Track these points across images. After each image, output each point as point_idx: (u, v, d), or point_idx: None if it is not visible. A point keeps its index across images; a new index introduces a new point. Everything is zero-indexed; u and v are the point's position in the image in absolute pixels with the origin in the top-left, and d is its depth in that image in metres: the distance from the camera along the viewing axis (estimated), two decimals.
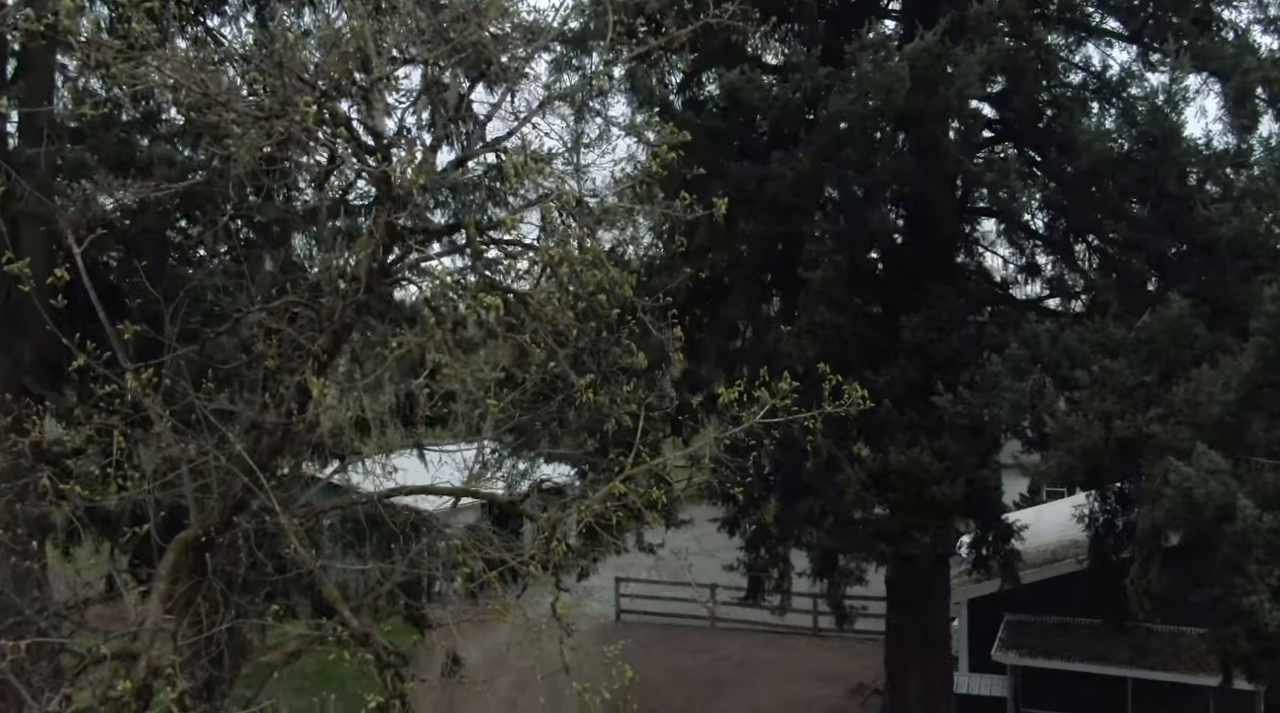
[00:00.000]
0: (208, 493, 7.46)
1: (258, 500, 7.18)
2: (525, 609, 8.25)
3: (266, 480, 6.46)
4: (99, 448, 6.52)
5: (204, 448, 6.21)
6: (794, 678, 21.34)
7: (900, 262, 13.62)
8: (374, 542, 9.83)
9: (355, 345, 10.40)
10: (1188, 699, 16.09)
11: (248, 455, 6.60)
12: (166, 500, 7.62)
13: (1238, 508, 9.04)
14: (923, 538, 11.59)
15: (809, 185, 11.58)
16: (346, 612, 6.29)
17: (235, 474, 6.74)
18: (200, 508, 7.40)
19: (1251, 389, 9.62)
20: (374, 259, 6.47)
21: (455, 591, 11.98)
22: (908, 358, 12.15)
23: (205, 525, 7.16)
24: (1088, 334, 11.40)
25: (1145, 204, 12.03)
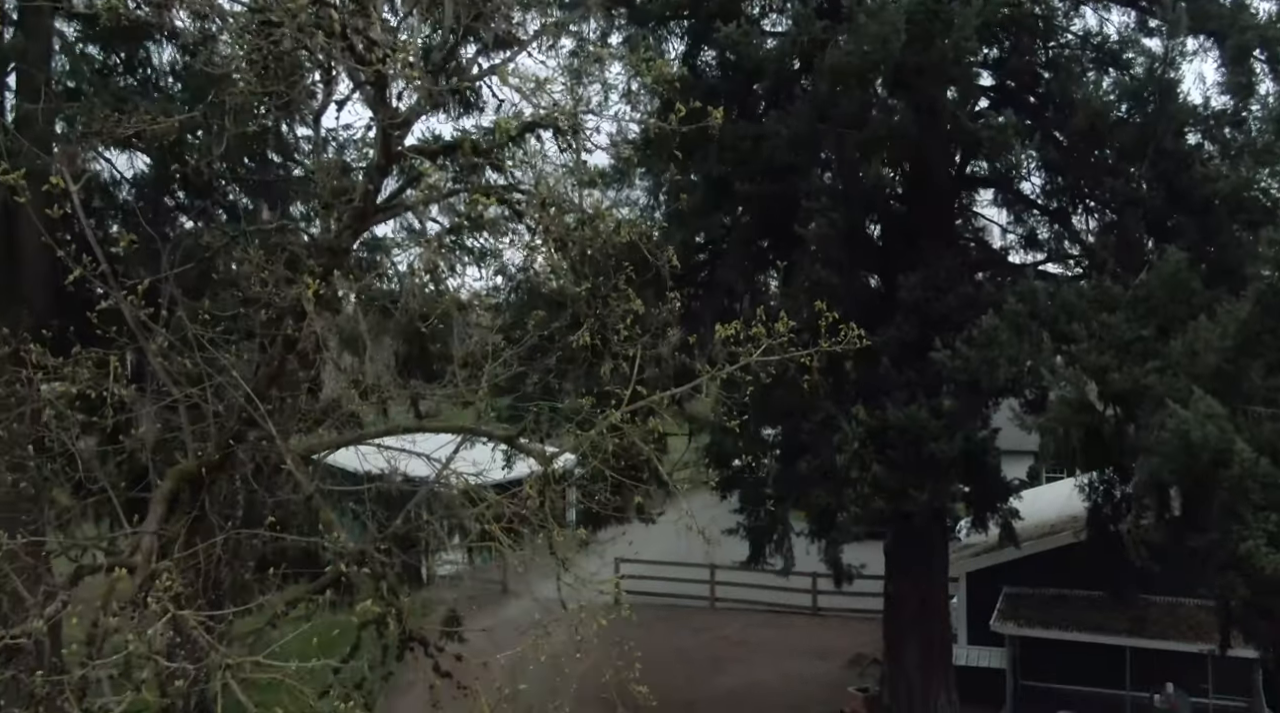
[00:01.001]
0: (205, 432, 7.47)
1: (255, 433, 7.20)
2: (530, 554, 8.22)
3: (264, 410, 6.46)
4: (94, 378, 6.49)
5: (199, 364, 6.18)
6: (793, 654, 21.36)
7: (897, 224, 13.64)
8: (371, 500, 9.84)
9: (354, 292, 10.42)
10: (1186, 668, 16.08)
11: (245, 383, 6.60)
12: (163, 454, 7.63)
13: (1234, 452, 9.04)
14: (920, 495, 11.59)
15: (805, 143, 11.58)
16: (343, 534, 6.29)
17: (232, 406, 6.74)
18: (197, 447, 7.40)
19: (1249, 337, 9.62)
20: (370, 182, 6.47)
21: (454, 548, 11.99)
22: (905, 317, 12.16)
23: (203, 461, 7.17)
24: (1085, 290, 11.42)
25: (1142, 162, 12.02)
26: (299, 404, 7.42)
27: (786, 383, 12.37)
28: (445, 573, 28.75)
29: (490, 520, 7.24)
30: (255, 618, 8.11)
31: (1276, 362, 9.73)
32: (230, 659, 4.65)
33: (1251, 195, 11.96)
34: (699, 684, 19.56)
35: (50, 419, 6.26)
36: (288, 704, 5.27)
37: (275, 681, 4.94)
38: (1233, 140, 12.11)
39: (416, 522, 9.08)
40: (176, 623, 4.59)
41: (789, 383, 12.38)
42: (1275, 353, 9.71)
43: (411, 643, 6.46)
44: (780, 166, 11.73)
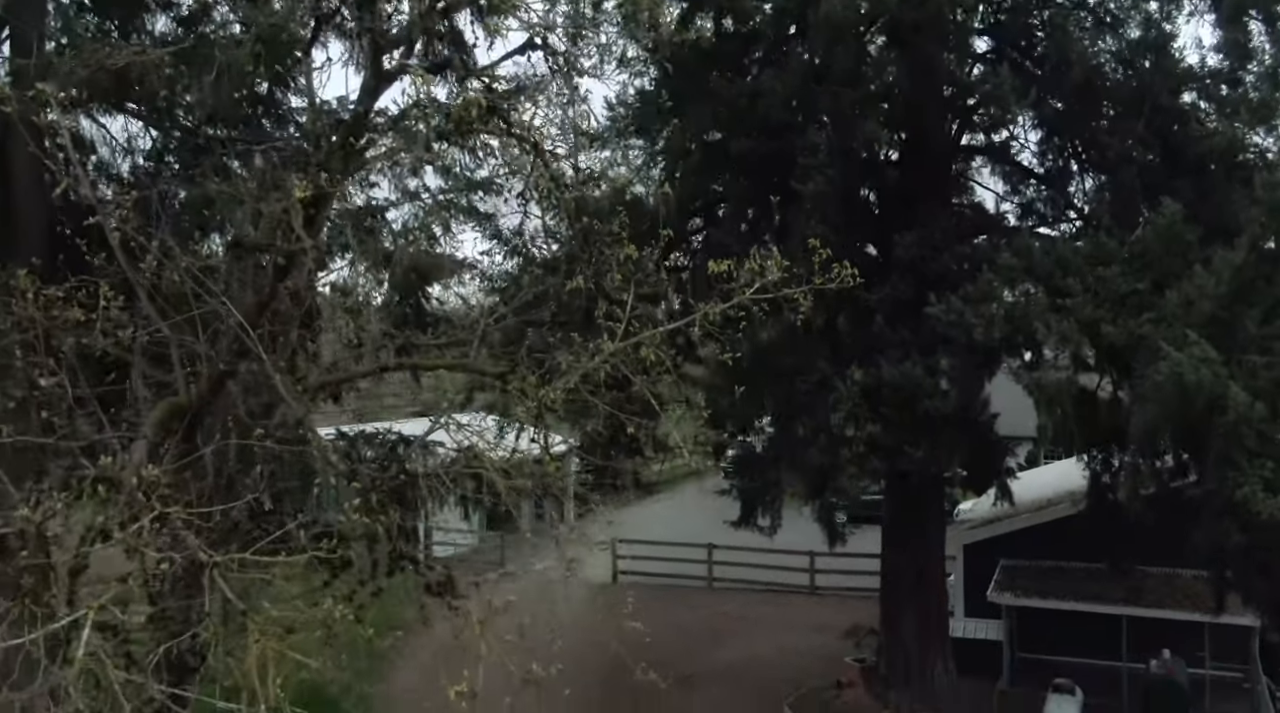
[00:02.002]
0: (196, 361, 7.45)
1: (247, 364, 7.19)
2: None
3: (255, 334, 6.44)
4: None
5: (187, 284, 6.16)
6: (791, 629, 21.37)
7: (893, 189, 13.62)
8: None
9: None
10: (1184, 637, 16.05)
11: (236, 311, 6.58)
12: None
13: (1229, 397, 9.04)
14: (916, 453, 11.58)
15: (800, 100, 11.57)
16: (334, 458, 6.27)
17: (223, 333, 6.73)
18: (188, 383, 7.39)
19: (1244, 284, 9.62)
20: (361, 104, 6.45)
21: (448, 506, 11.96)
22: (900, 276, 12.15)
23: (195, 394, 7.15)
24: (1081, 246, 11.41)
25: (1139, 120, 12.01)
26: (291, 339, 7.38)
27: (782, 344, 12.41)
28: (444, 554, 28.79)
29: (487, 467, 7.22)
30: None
31: (1272, 309, 9.73)
32: (218, 558, 4.63)
33: (1246, 154, 11.99)
34: (697, 657, 19.55)
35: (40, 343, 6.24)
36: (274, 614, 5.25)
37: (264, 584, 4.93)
38: (1228, 98, 12.10)
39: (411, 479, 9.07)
40: (165, 521, 4.58)
41: (784, 343, 12.41)
42: (1270, 300, 9.71)
43: (402, 560, 6.44)
44: (776, 124, 11.72)
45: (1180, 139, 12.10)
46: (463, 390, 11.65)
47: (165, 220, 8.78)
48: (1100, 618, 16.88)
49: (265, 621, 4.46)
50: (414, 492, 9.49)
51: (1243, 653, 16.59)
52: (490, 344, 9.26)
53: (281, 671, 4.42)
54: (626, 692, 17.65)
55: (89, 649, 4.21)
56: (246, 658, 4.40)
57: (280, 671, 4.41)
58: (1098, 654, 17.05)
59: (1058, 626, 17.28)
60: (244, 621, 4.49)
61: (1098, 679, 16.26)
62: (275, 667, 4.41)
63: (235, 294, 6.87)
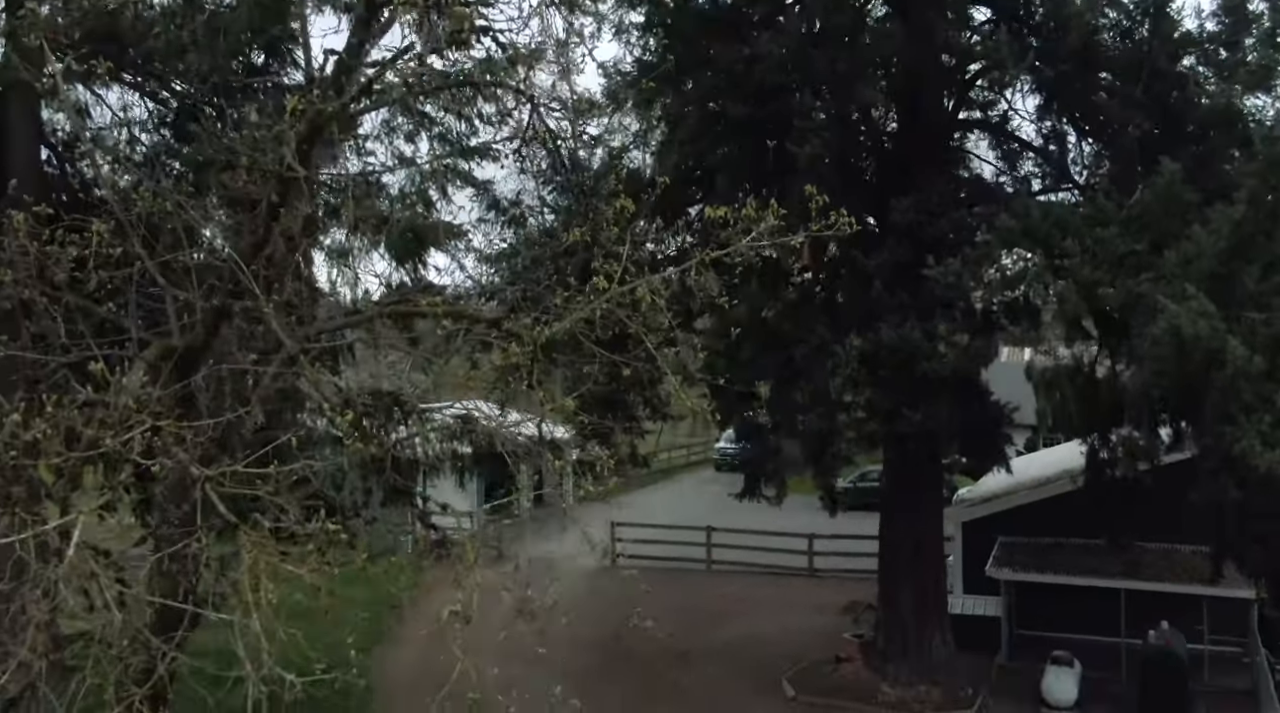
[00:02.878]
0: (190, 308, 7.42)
1: (241, 304, 7.15)
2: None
3: (249, 270, 6.40)
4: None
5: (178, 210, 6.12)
6: (791, 609, 21.34)
7: (890, 158, 13.59)
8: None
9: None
10: (1182, 611, 16.02)
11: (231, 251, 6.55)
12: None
13: (1228, 350, 9.01)
14: (914, 416, 11.55)
15: (797, 63, 11.53)
16: (328, 393, 6.23)
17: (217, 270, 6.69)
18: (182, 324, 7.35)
19: (1243, 238, 9.58)
20: (354, 36, 6.41)
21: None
22: (898, 240, 12.11)
23: (190, 337, 7.12)
24: (1079, 208, 11.38)
25: (1137, 84, 11.97)
26: (286, 284, 7.35)
27: (779, 310, 12.38)
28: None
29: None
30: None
31: (1271, 265, 9.70)
32: (210, 473, 4.60)
33: (1245, 119, 11.95)
34: (697, 636, 19.53)
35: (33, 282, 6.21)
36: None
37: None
38: (1226, 62, 12.06)
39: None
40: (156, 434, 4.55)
41: (781, 310, 12.39)
42: (1269, 256, 9.68)
43: (398, 493, 6.41)
44: (772, 88, 11.68)
45: (1179, 104, 12.07)
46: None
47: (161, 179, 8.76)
48: (1098, 594, 16.86)
49: (258, 533, 4.43)
50: (410, 448, 9.48)
51: (1241, 627, 16.57)
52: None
53: (273, 582, 4.39)
54: (625, 665, 17.68)
55: (79, 562, 4.19)
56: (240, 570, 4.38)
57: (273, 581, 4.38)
58: (1096, 631, 17.03)
59: (1056, 602, 17.26)
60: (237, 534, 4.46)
61: (1096, 655, 16.24)
62: (268, 578, 4.39)
63: (230, 237, 6.83)
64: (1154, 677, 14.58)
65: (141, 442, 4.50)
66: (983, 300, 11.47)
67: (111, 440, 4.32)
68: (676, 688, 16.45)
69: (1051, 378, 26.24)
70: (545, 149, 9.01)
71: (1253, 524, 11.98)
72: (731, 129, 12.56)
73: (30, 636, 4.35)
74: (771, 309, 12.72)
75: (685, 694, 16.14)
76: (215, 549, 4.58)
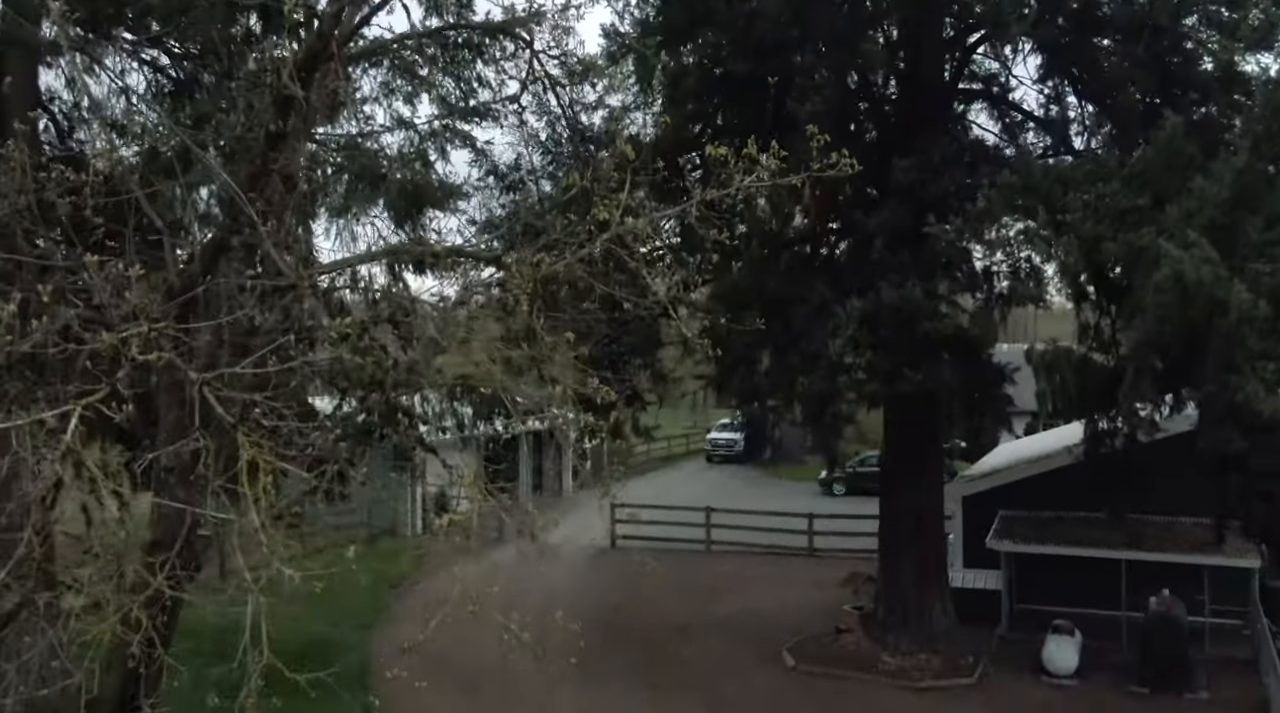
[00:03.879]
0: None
1: (240, 237, 7.09)
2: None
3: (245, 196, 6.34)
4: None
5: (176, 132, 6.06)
6: (790, 586, 21.30)
7: (891, 115, 13.53)
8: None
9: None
10: (1183, 580, 15.98)
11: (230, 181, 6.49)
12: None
13: (1231, 296, 8.96)
14: (915, 376, 11.50)
15: (797, 19, 11.48)
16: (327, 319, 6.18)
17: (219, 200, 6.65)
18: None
19: (1245, 188, 9.54)
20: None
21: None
22: (899, 201, 12.06)
23: (189, 271, 7.06)
24: (1081, 164, 11.34)
25: (1138, 43, 11.93)
26: (285, 219, 7.28)
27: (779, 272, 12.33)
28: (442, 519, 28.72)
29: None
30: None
31: (1275, 215, 9.65)
32: (206, 376, 4.55)
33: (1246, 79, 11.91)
34: (696, 611, 19.51)
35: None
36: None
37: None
38: (1228, 22, 12.01)
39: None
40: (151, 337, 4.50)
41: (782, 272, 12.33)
42: (1273, 206, 9.63)
43: (396, 414, 6.35)
44: (772, 44, 11.62)
45: (1180, 64, 12.02)
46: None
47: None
48: (1099, 567, 16.82)
49: (254, 430, 4.39)
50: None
51: (1242, 596, 16.53)
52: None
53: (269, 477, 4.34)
54: (624, 638, 17.65)
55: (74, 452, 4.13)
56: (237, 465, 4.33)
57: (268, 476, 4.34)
58: (1097, 604, 16.97)
59: (1056, 575, 17.22)
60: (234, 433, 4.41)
61: (1097, 628, 16.21)
62: (264, 473, 4.34)
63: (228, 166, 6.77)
64: (1155, 640, 14.56)
65: (139, 342, 4.45)
66: (984, 259, 11.41)
67: (109, 336, 4.27)
68: (677, 659, 16.42)
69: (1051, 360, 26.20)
70: (547, 96, 8.94)
71: (1257, 483, 11.97)
72: (732, 87, 12.51)
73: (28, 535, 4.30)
74: (771, 272, 12.66)
75: (686, 665, 16.11)
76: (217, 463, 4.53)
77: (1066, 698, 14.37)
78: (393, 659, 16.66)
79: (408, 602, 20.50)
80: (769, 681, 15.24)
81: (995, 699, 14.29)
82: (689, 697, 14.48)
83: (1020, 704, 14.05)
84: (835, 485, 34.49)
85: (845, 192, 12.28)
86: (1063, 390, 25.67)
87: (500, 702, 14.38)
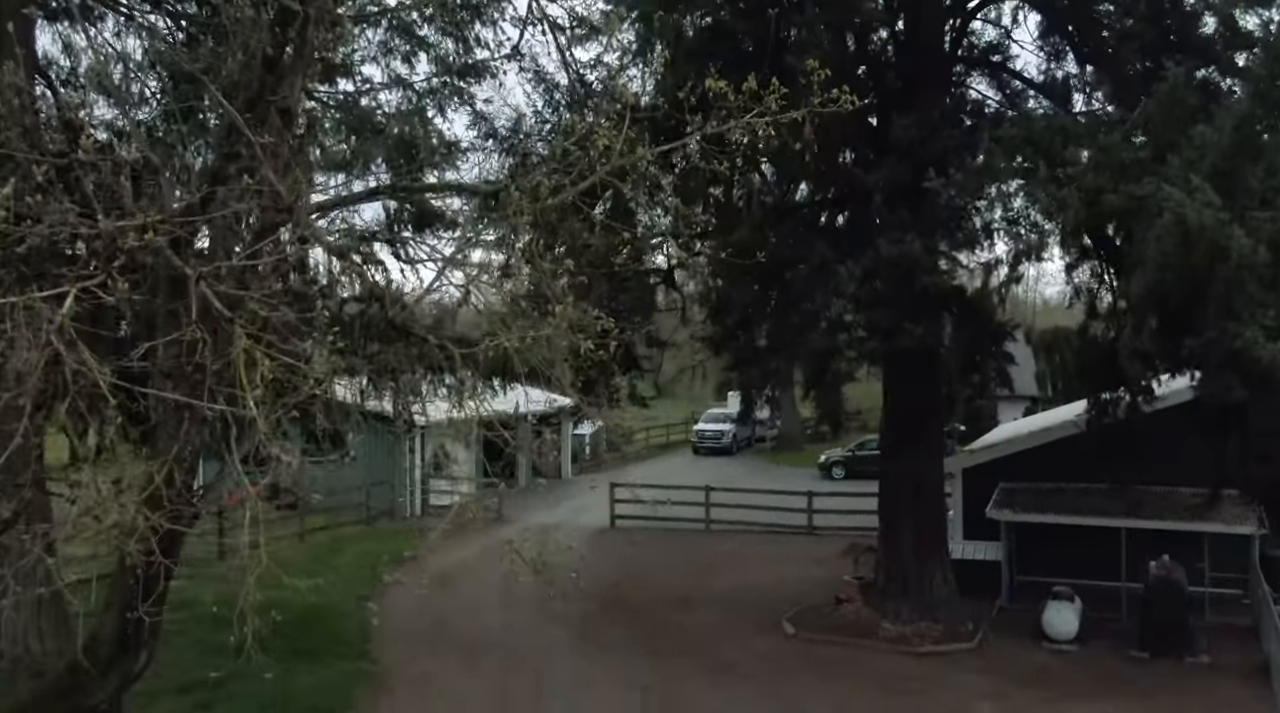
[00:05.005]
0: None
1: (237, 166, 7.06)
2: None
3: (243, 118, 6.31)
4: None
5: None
6: (789, 562, 21.28)
7: (891, 78, 13.49)
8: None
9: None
10: (1183, 548, 15.96)
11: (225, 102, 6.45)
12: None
13: (1232, 242, 8.94)
14: (915, 330, 11.47)
15: None
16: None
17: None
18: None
19: (1246, 135, 9.51)
20: None
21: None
22: (899, 158, 12.03)
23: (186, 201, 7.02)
24: (1083, 116, 11.30)
25: (1138, 1, 11.90)
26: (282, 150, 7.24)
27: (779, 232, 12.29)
28: (441, 504, 28.77)
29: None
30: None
31: (1276, 163, 9.62)
32: (204, 269, 4.52)
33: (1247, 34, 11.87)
34: (696, 585, 19.49)
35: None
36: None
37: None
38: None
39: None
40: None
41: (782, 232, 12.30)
42: (1274, 153, 9.60)
43: (395, 329, 6.32)
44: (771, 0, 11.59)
45: (1180, 22, 12.00)
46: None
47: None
48: (1099, 538, 16.80)
49: (248, 322, 4.36)
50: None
51: (1242, 564, 16.52)
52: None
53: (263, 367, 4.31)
54: (625, 610, 17.64)
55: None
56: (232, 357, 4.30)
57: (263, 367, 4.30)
58: (1097, 575, 16.94)
59: (1056, 546, 17.20)
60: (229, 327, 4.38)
61: (1097, 598, 16.19)
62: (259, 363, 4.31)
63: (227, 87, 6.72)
64: (1155, 605, 14.55)
65: (137, 236, 4.42)
66: (983, 215, 11.38)
67: (106, 221, 4.23)
68: (678, 628, 16.40)
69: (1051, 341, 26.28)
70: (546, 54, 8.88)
71: (1255, 443, 11.95)
72: (731, 47, 12.46)
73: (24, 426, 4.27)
74: (772, 234, 12.63)
75: (686, 633, 16.09)
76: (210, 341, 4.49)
77: (1066, 662, 14.35)
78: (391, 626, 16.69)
79: (406, 577, 20.50)
80: (769, 647, 15.23)
81: (995, 664, 14.27)
82: (689, 662, 14.46)
83: (1020, 668, 14.03)
84: (835, 469, 34.45)
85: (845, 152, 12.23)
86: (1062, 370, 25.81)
87: (499, 668, 14.37)
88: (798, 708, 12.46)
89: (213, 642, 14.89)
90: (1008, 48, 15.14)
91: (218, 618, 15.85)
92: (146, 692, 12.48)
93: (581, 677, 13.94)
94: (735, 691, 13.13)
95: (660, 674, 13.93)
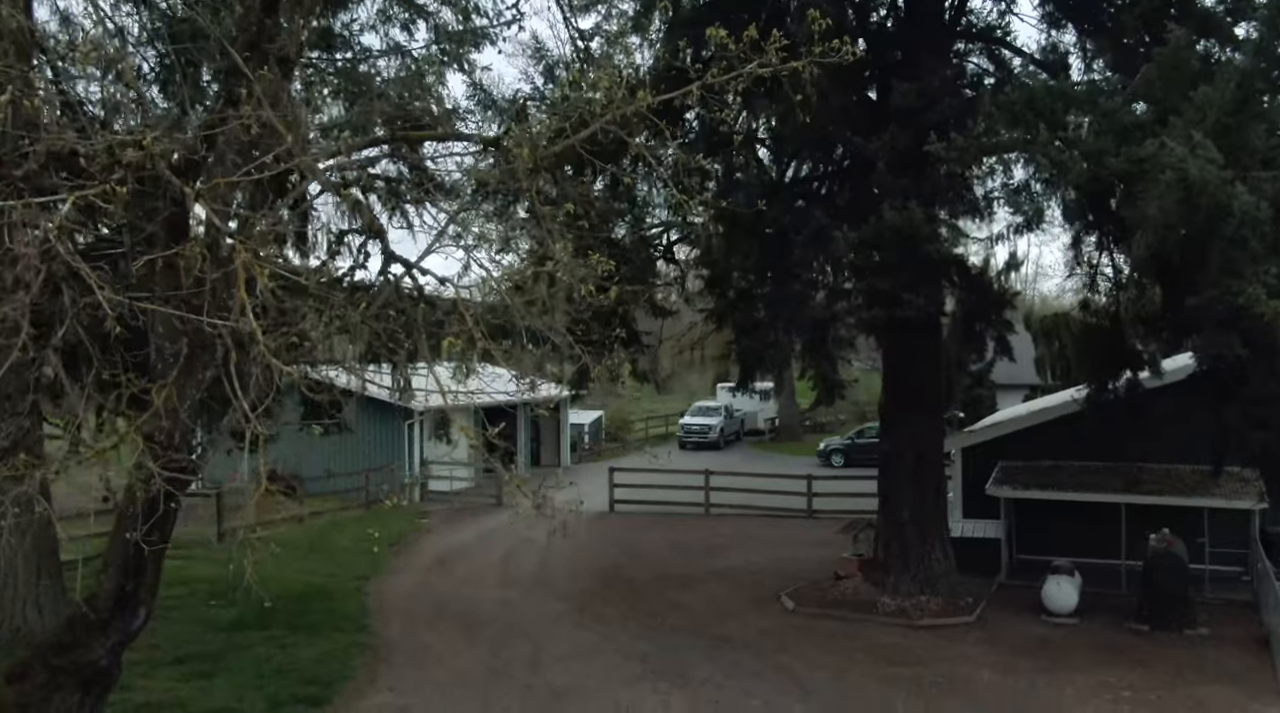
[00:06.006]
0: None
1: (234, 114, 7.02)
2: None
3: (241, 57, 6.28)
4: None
5: None
6: (788, 544, 21.29)
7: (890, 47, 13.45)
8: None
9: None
10: (1183, 523, 15.94)
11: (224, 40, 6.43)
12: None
13: (1234, 199, 8.91)
14: (916, 299, 11.45)
15: None
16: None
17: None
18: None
19: (1249, 94, 9.47)
20: None
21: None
22: (900, 125, 11.99)
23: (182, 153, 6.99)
24: (1084, 83, 11.26)
25: None
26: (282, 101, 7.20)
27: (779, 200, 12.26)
28: (441, 489, 28.80)
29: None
30: None
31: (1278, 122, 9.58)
32: (201, 186, 4.49)
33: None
34: (695, 565, 19.49)
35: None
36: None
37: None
38: None
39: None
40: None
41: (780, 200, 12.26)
42: (1277, 112, 9.56)
43: (393, 260, 6.28)
44: None
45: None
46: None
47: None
48: (1098, 515, 16.79)
49: (245, 235, 4.33)
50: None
51: (1242, 538, 16.52)
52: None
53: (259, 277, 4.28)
54: (625, 589, 17.62)
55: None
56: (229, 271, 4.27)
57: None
58: (1096, 553, 16.93)
59: (1056, 524, 17.20)
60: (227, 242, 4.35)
61: (1097, 576, 16.18)
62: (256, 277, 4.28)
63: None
64: (1155, 577, 14.54)
65: (135, 152, 4.40)
66: (984, 183, 11.36)
67: (105, 134, 4.21)
68: (677, 605, 16.37)
69: (1050, 326, 26.20)
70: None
71: (1255, 410, 11.93)
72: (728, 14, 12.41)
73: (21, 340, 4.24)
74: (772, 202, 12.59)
75: (686, 610, 16.07)
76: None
77: (1065, 634, 14.34)
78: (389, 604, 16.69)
79: (405, 558, 20.52)
80: (769, 622, 15.21)
81: (994, 636, 14.26)
82: (689, 636, 14.44)
83: (1019, 640, 14.01)
84: (834, 456, 34.47)
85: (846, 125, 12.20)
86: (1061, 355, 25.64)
87: (499, 639, 14.34)
88: (796, 677, 12.44)
89: (211, 618, 14.91)
90: (1008, 23, 15.10)
91: (215, 593, 15.98)
92: (145, 662, 12.47)
93: (581, 648, 13.92)
94: (735, 660, 13.12)
95: (659, 644, 13.91)
